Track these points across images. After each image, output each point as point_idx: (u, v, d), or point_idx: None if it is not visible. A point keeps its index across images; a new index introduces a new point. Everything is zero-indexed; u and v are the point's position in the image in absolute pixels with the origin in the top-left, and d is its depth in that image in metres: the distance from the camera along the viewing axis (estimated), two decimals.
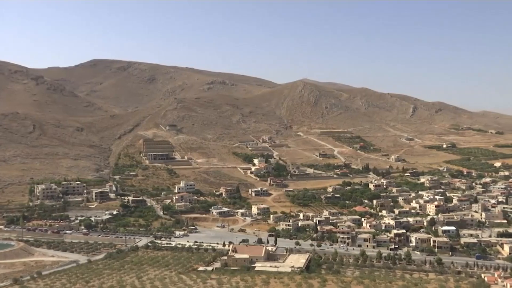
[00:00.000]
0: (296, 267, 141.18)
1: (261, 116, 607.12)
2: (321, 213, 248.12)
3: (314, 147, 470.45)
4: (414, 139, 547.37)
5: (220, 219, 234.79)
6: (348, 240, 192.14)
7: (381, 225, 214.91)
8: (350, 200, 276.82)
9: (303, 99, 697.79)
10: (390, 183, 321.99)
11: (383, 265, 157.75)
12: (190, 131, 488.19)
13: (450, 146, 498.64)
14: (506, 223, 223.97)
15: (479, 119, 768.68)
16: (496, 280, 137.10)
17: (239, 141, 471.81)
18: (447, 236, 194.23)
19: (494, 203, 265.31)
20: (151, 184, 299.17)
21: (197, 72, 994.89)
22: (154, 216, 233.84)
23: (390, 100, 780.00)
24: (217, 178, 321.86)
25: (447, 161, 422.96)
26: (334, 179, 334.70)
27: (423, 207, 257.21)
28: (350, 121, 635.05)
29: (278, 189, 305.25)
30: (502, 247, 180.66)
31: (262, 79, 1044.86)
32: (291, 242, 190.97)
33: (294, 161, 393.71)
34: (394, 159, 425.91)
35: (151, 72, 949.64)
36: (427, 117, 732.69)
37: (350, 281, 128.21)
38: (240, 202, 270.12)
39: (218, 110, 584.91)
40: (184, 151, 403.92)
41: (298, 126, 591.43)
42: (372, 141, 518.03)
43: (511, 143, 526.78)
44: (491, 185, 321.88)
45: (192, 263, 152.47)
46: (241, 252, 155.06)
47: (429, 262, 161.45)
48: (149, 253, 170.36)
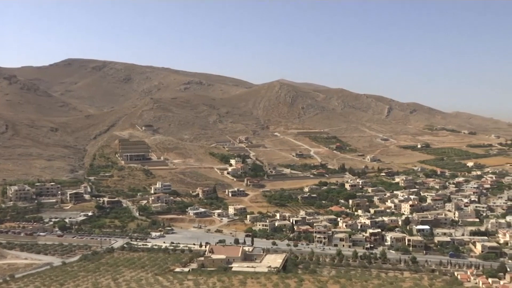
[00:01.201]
0: (273, 267, 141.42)
1: (238, 116, 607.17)
2: (297, 213, 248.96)
3: (291, 147, 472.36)
4: (390, 139, 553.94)
5: (197, 219, 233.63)
6: (324, 239, 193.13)
7: (357, 225, 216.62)
8: (327, 200, 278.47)
9: (279, 99, 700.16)
10: (366, 183, 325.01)
11: (359, 264, 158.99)
12: (166, 132, 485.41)
13: (424, 146, 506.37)
14: (478, 221, 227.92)
15: (452, 120, 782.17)
16: (469, 277, 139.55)
17: (216, 141, 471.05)
18: (422, 235, 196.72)
19: (467, 202, 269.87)
20: (127, 185, 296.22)
21: (173, 72, 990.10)
22: (130, 217, 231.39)
23: (366, 101, 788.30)
24: (194, 178, 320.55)
25: (421, 161, 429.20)
26: (310, 179, 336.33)
27: (398, 206, 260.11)
28: (326, 121, 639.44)
29: (255, 189, 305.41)
30: (475, 245, 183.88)
31: (239, 80, 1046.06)
32: (268, 242, 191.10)
33: (271, 161, 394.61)
34: (370, 159, 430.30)
35: (127, 72, 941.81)
36: (402, 117, 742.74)
37: (327, 280, 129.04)
38: (217, 202, 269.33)
39: (194, 110, 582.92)
40: (161, 152, 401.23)
41: (275, 126, 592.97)
42: (348, 141, 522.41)
43: (484, 143, 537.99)
44: (464, 185, 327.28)
45: (169, 264, 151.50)
46: (218, 253, 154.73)
47: (404, 260, 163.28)
48: (125, 254, 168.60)
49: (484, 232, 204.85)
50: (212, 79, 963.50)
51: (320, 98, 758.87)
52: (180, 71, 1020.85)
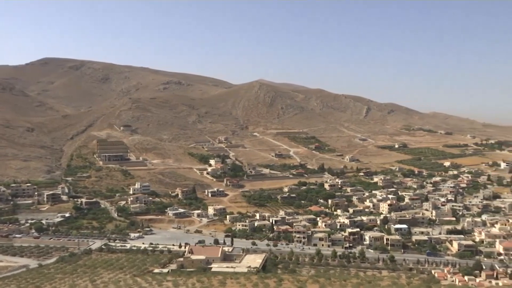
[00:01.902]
0: (252, 267, 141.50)
1: (217, 116, 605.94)
2: (277, 213, 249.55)
3: (270, 147, 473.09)
4: (368, 139, 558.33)
5: (176, 220, 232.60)
6: (303, 239, 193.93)
7: (336, 224, 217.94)
8: (306, 200, 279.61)
9: (259, 99, 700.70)
10: (345, 182, 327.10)
11: (338, 264, 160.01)
12: (145, 132, 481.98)
13: (402, 146, 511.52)
14: (455, 220, 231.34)
15: (429, 120, 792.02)
16: (446, 276, 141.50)
17: (195, 141, 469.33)
18: (399, 234, 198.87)
19: (444, 201, 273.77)
20: (105, 185, 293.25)
21: (152, 72, 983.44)
22: (108, 218, 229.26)
23: (344, 101, 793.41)
24: (173, 179, 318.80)
25: (399, 161, 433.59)
26: (290, 179, 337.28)
27: (376, 206, 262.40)
28: (305, 121, 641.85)
29: (235, 189, 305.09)
30: (451, 243, 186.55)
31: (218, 80, 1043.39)
32: (247, 242, 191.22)
33: (250, 161, 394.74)
34: (349, 159, 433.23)
35: (105, 71, 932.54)
36: (380, 118, 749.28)
37: (306, 280, 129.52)
38: (196, 203, 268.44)
39: (173, 110, 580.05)
40: (139, 152, 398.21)
41: (254, 126, 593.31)
42: (327, 142, 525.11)
43: (460, 143, 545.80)
44: (441, 184, 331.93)
45: (148, 265, 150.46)
46: (197, 253, 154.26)
47: (382, 259, 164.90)
48: (103, 256, 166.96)
49: (461, 231, 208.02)
50: (192, 79, 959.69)
51: (299, 98, 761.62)
52: (159, 71, 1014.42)
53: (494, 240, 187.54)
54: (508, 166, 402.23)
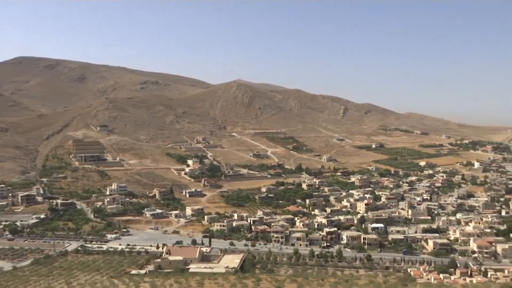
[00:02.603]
0: (230, 268, 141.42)
1: (195, 116, 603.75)
2: (255, 213, 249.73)
3: (248, 147, 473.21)
4: (345, 139, 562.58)
5: (154, 221, 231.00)
6: (281, 239, 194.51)
7: (313, 224, 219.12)
8: (284, 199, 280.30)
9: (237, 99, 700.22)
10: (322, 182, 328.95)
11: (316, 263, 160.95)
12: (122, 132, 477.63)
13: (378, 146, 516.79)
14: (430, 219, 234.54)
15: (405, 120, 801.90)
16: (422, 274, 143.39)
17: (173, 141, 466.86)
18: (376, 233, 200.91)
19: (420, 200, 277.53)
20: (81, 186, 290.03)
21: (129, 71, 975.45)
22: (84, 219, 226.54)
23: (322, 102, 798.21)
24: (150, 179, 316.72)
25: (376, 160, 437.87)
26: (268, 179, 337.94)
27: (353, 205, 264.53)
28: (283, 121, 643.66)
29: (213, 189, 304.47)
30: (427, 242, 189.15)
31: (196, 80, 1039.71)
32: (225, 242, 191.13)
33: (228, 161, 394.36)
34: (326, 159, 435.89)
35: (81, 71, 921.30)
36: (357, 118, 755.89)
37: (284, 279, 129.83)
38: (174, 203, 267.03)
39: (151, 110, 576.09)
40: (116, 152, 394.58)
41: (232, 126, 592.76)
42: (304, 142, 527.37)
43: (435, 143, 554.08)
44: (417, 184, 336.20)
45: (125, 267, 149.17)
46: (175, 254, 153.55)
47: (359, 258, 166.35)
48: (79, 257, 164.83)
49: (436, 230, 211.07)
50: (169, 79, 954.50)
51: (277, 98, 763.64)
52: (136, 70, 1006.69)
53: (468, 238, 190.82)
54: (481, 166, 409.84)
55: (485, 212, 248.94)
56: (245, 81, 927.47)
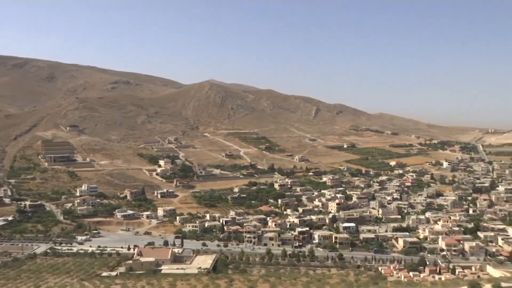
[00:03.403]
0: (203, 268, 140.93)
1: (167, 116, 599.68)
2: (227, 213, 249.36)
3: (221, 147, 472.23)
4: (317, 139, 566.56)
5: (125, 222, 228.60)
6: (254, 239, 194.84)
7: (286, 224, 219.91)
8: (256, 200, 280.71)
9: (209, 100, 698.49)
10: (295, 182, 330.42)
11: (288, 263, 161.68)
12: (92, 132, 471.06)
13: (350, 146, 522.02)
14: (400, 218, 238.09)
15: (376, 121, 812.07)
16: (392, 272, 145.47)
17: (145, 142, 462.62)
18: (348, 233, 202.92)
19: (390, 200, 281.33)
20: (51, 187, 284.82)
21: (100, 71, 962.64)
22: (54, 221, 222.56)
23: (294, 102, 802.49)
24: (122, 180, 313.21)
25: (347, 160, 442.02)
26: (240, 180, 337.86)
27: (325, 205, 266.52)
28: (256, 122, 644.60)
29: (185, 190, 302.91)
30: (397, 241, 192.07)
31: (168, 79, 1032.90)
32: (198, 243, 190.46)
33: (200, 162, 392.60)
34: (298, 159, 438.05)
35: (50, 70, 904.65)
36: (329, 118, 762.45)
37: (257, 279, 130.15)
38: (146, 204, 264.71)
39: (122, 110, 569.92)
40: (87, 153, 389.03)
41: (204, 127, 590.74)
42: (277, 142, 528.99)
43: (405, 143, 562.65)
44: (387, 183, 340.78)
45: (95, 269, 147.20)
46: (146, 255, 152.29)
47: (331, 258, 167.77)
48: (49, 260, 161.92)
49: (406, 228, 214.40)
50: (141, 79, 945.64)
51: (250, 98, 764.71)
52: (107, 70, 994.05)
53: (437, 236, 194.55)
54: (450, 166, 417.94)
55: (453, 211, 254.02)
56: (217, 81, 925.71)
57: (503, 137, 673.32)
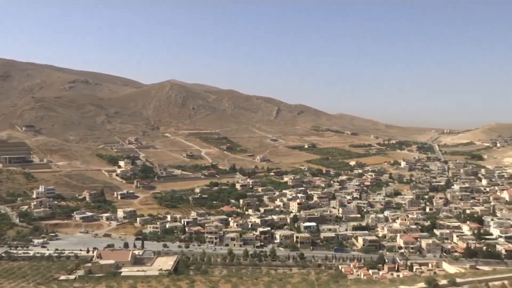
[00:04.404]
0: (164, 270, 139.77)
1: (127, 117, 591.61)
2: (189, 214, 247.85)
3: (182, 148, 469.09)
4: (278, 139, 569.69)
5: (84, 224, 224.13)
6: (216, 240, 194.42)
7: (247, 224, 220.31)
8: (218, 200, 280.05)
9: (170, 100, 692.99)
10: (256, 182, 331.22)
11: (250, 263, 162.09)
12: (50, 132, 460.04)
13: (311, 146, 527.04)
14: (360, 217, 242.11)
15: (336, 121, 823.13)
16: (352, 270, 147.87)
17: (104, 142, 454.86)
18: (309, 232, 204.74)
19: (350, 199, 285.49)
20: (5, 189, 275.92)
21: (57, 70, 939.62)
22: (9, 224, 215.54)
23: (255, 102, 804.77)
24: (80, 181, 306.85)
25: (308, 160, 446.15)
26: (201, 180, 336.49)
27: (286, 205, 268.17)
28: (217, 122, 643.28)
29: (145, 191, 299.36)
30: (357, 239, 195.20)
31: (128, 79, 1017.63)
32: (159, 244, 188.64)
33: (161, 162, 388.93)
34: (260, 159, 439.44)
35: (5, 68, 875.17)
36: (290, 118, 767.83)
37: (218, 280, 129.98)
38: (105, 205, 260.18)
39: (81, 110, 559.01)
40: (44, 154, 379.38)
41: (165, 127, 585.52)
42: (238, 142, 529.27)
43: (364, 143, 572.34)
44: (347, 183, 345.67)
45: (53, 273, 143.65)
46: (106, 258, 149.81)
47: (292, 257, 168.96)
48: (4, 264, 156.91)
49: (365, 227, 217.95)
50: (100, 78, 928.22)
51: (211, 99, 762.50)
52: (65, 69, 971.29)
53: (395, 234, 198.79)
54: (407, 165, 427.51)
55: (410, 209, 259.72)
56: (178, 81, 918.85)
57: (458, 137, 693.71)
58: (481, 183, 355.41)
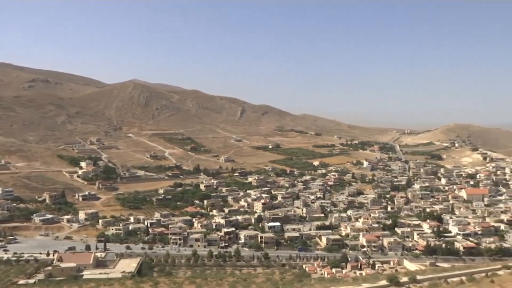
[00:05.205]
0: (127, 272, 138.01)
1: (88, 117, 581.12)
2: (152, 215, 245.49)
3: (145, 148, 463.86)
4: (243, 140, 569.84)
5: (44, 227, 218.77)
6: (180, 241, 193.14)
7: (212, 225, 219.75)
8: (182, 201, 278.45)
9: (133, 100, 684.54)
10: (220, 183, 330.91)
11: (214, 263, 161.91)
12: (8, 133, 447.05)
13: (275, 146, 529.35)
14: (323, 216, 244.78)
15: (300, 122, 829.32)
16: (316, 269, 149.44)
17: (65, 143, 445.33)
18: (273, 232, 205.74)
19: (313, 199, 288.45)
20: None
21: (16, 68, 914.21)
22: None
23: (220, 103, 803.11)
24: (40, 183, 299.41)
25: (272, 160, 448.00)
26: (165, 181, 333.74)
27: (251, 205, 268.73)
28: (181, 122, 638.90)
29: (108, 192, 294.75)
30: (320, 238, 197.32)
31: (90, 79, 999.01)
32: (122, 246, 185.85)
33: (124, 163, 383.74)
34: (224, 159, 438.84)
35: None
36: (255, 119, 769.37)
37: (182, 281, 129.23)
38: (66, 207, 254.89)
39: (41, 110, 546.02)
40: (1, 155, 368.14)
41: (128, 127, 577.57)
42: (202, 142, 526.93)
43: (327, 143, 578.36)
44: (311, 183, 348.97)
45: (11, 277, 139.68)
46: (67, 261, 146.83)
47: (257, 257, 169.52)
48: None
49: (329, 226, 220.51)
50: (61, 77, 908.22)
51: (175, 99, 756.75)
52: (24, 67, 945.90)
53: (358, 233, 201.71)
54: (370, 165, 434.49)
55: (373, 208, 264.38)
56: (142, 81, 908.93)
57: (418, 138, 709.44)
58: (441, 182, 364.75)
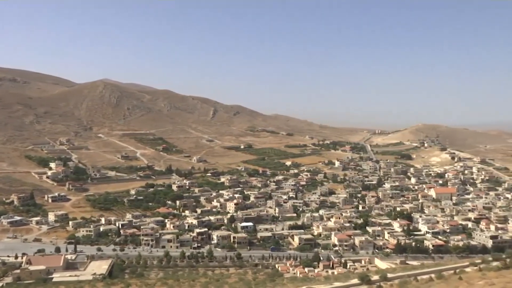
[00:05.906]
0: (98, 274, 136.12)
1: (58, 117, 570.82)
2: (124, 216, 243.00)
3: (116, 149, 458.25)
4: (215, 140, 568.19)
5: (12, 229, 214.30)
6: (152, 242, 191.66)
7: (184, 225, 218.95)
8: (154, 202, 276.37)
9: (104, 99, 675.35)
10: (193, 183, 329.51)
11: (187, 264, 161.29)
12: None
13: (247, 146, 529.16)
14: (296, 216, 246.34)
15: (272, 122, 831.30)
16: (288, 269, 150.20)
17: (33, 143, 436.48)
18: (246, 232, 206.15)
19: (286, 198, 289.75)
20: None
21: None
22: None
23: (192, 103, 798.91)
24: (8, 184, 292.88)
25: (244, 161, 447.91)
26: (137, 182, 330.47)
27: (223, 205, 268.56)
28: (153, 122, 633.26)
29: (78, 193, 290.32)
30: (293, 238, 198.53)
31: (59, 78, 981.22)
32: (92, 248, 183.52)
33: (95, 164, 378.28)
34: (196, 160, 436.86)
35: None
36: (227, 119, 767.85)
37: (154, 283, 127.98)
38: (35, 209, 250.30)
39: (7, 109, 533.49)
40: None
41: (98, 127, 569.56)
42: (174, 143, 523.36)
43: (300, 143, 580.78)
44: (283, 183, 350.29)
45: None
46: (36, 264, 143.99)
47: (229, 257, 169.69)
48: None
49: (301, 226, 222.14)
50: (29, 76, 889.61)
51: (146, 99, 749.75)
52: None
53: (330, 232, 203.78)
54: (341, 165, 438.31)
55: (344, 208, 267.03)
56: (112, 81, 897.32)
57: (388, 138, 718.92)
58: (410, 182, 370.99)
